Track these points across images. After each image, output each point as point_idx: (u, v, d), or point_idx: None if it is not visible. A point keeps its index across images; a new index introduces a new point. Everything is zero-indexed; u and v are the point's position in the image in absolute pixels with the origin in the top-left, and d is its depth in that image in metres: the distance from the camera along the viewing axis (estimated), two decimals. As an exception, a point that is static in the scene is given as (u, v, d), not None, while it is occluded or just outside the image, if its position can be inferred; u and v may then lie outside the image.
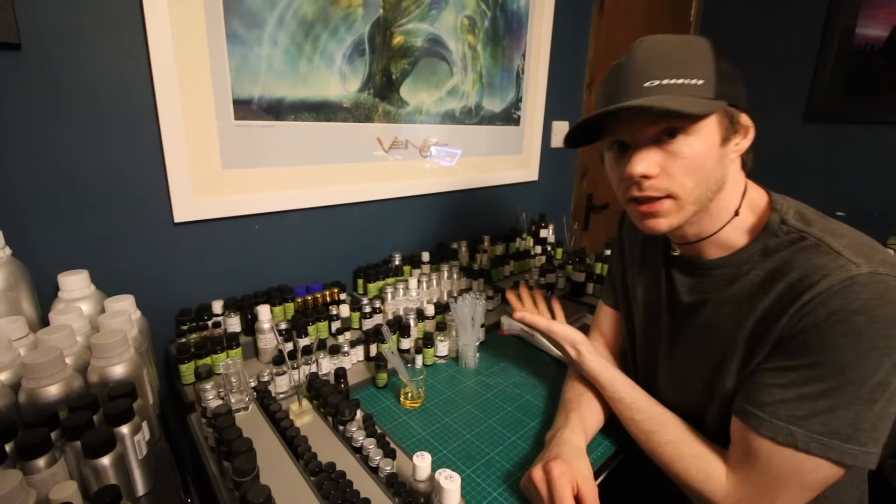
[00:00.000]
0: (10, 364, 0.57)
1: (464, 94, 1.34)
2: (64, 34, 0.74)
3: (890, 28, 1.74)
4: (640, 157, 0.53)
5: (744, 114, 0.55)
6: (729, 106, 0.52)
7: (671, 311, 0.68)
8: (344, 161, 1.12)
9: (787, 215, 0.56)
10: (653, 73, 0.51)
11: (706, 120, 0.51)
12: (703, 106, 0.49)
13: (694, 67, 0.51)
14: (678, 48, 0.52)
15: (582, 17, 1.66)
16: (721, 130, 0.53)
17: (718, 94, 0.51)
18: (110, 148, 0.81)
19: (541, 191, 1.71)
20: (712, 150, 0.53)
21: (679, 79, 0.50)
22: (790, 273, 0.52)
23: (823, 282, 0.48)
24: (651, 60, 0.52)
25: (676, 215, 0.56)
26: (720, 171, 0.55)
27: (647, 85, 0.51)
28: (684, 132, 0.52)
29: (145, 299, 0.77)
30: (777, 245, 0.55)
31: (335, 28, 1.02)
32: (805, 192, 0.70)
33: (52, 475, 0.47)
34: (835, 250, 0.50)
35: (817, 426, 0.48)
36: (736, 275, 0.58)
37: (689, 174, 0.53)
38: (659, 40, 0.54)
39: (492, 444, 0.74)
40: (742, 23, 2.12)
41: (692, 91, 0.50)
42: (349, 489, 0.55)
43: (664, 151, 0.53)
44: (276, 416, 0.69)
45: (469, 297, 0.95)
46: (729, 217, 0.58)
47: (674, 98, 0.50)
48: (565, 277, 1.33)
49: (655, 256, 0.71)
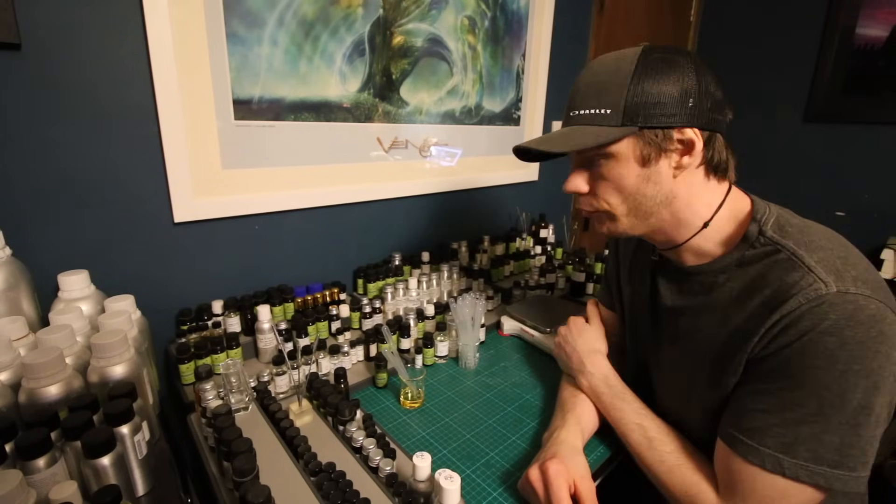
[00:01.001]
0: (10, 364, 0.57)
1: (464, 94, 1.34)
2: (64, 34, 0.74)
3: (890, 28, 1.74)
4: (572, 178, 0.61)
5: (685, 129, 0.53)
6: (645, 128, 0.53)
7: (654, 314, 0.70)
8: (344, 161, 1.12)
9: (765, 225, 0.55)
10: (577, 102, 0.58)
11: (618, 144, 0.55)
12: (600, 137, 0.54)
13: (606, 96, 0.54)
14: (604, 74, 0.56)
15: (582, 17, 1.67)
16: (637, 152, 0.55)
17: (625, 121, 0.53)
18: (110, 148, 0.81)
19: (541, 191, 1.71)
20: (630, 172, 0.56)
21: (591, 109, 0.56)
22: (764, 289, 0.52)
23: (792, 301, 0.48)
24: (579, 90, 0.58)
25: (613, 225, 0.61)
26: (651, 189, 0.57)
27: (571, 114, 0.58)
28: (602, 157, 0.57)
29: (145, 299, 0.77)
30: (753, 257, 0.55)
31: (335, 28, 1.02)
32: (805, 192, 0.70)
33: (52, 475, 0.47)
34: (806, 266, 0.50)
35: (804, 453, 0.48)
36: (712, 283, 0.59)
37: (612, 192, 0.58)
38: (598, 63, 0.58)
39: (492, 444, 0.74)
40: (742, 23, 2.12)
41: (599, 120, 0.55)
42: (349, 489, 0.55)
43: (591, 172, 0.60)
44: (276, 416, 0.69)
45: (469, 297, 0.95)
46: (697, 227, 0.59)
47: (578, 129, 0.56)
48: (565, 277, 1.34)
49: (644, 260, 0.73)
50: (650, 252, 0.71)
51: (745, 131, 2.15)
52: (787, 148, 2.04)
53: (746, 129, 2.14)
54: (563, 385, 0.79)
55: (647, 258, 0.72)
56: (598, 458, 0.71)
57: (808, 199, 1.98)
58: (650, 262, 0.71)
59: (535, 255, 1.48)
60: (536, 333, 1.04)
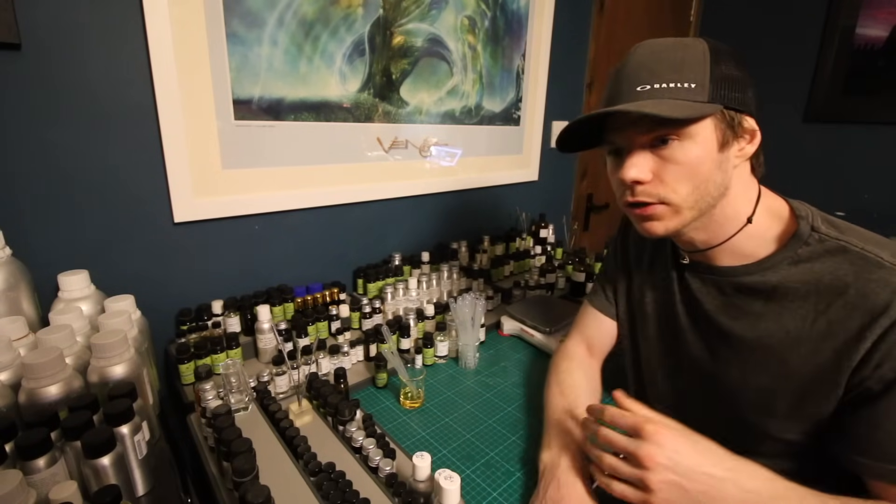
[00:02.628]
0: (10, 364, 0.57)
1: (464, 94, 1.34)
2: (64, 34, 0.74)
3: (890, 28, 1.74)
4: (633, 162, 0.53)
5: (748, 117, 0.53)
6: (726, 109, 0.51)
7: (694, 321, 0.65)
8: (344, 161, 1.12)
9: (815, 222, 0.54)
10: (646, 77, 0.51)
11: (700, 124, 0.50)
12: (689, 110, 0.49)
13: (687, 71, 0.50)
14: (674, 51, 0.51)
15: (582, 17, 1.66)
16: (718, 135, 0.51)
17: (713, 98, 0.50)
18: (110, 148, 0.81)
19: (541, 191, 1.71)
20: (709, 156, 0.51)
21: (671, 83, 0.50)
22: (844, 289, 0.50)
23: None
24: (645, 64, 0.52)
25: (672, 219, 0.55)
26: (720, 177, 0.53)
27: (639, 89, 0.51)
28: (677, 137, 0.51)
29: (145, 299, 0.77)
30: (810, 254, 0.53)
31: (335, 28, 1.02)
32: (805, 192, 0.70)
33: (52, 475, 0.47)
34: (889, 262, 0.48)
35: None
36: (768, 285, 0.55)
37: (683, 180, 0.52)
38: (656, 43, 0.53)
39: (491, 444, 0.74)
40: (742, 23, 2.12)
41: (683, 95, 0.50)
42: (349, 489, 0.55)
43: (657, 157, 0.52)
44: (276, 416, 0.69)
45: (469, 297, 0.95)
46: (741, 224, 0.56)
47: (661, 102, 0.49)
48: (565, 277, 1.33)
49: (665, 264, 0.69)
50: (672, 257, 0.67)
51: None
52: (787, 148, 2.04)
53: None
54: (550, 398, 0.73)
55: (668, 263, 0.68)
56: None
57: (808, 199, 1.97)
58: (675, 264, 0.67)
59: (535, 255, 1.48)
60: (536, 333, 1.04)
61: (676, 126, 0.50)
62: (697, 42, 0.52)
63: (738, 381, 0.59)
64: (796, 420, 0.55)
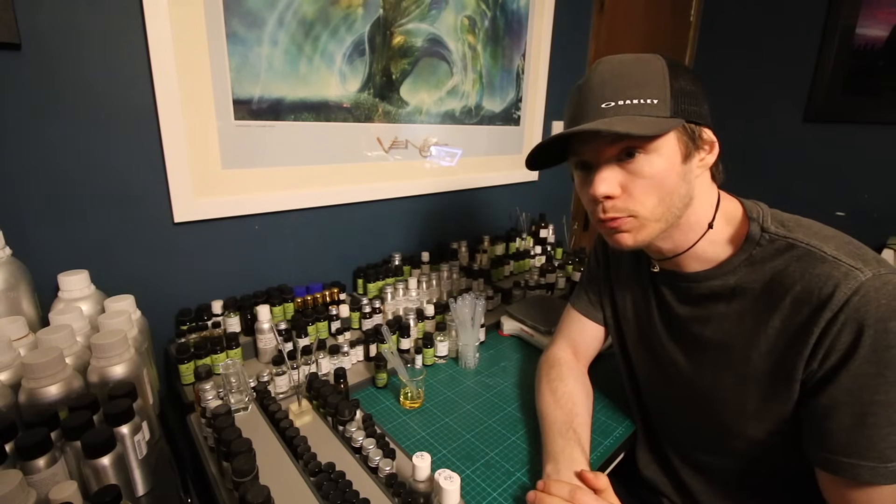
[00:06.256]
0: (10, 364, 0.57)
1: (464, 94, 1.34)
2: (64, 34, 0.74)
3: (890, 28, 1.74)
4: (602, 177, 0.54)
5: (706, 129, 0.55)
6: (687, 122, 0.53)
7: (668, 326, 0.67)
8: (344, 161, 1.12)
9: (765, 223, 0.56)
10: (609, 94, 0.52)
11: (664, 138, 0.52)
12: (655, 125, 0.50)
13: (649, 87, 0.52)
14: (634, 67, 0.53)
15: (582, 17, 1.66)
16: (682, 147, 0.53)
17: (675, 112, 0.51)
18: (110, 148, 0.81)
19: (541, 191, 1.71)
20: (673, 168, 0.53)
21: (634, 99, 0.51)
22: (791, 286, 0.51)
23: (837, 294, 0.47)
24: (607, 82, 0.53)
25: (640, 231, 0.56)
26: (684, 189, 0.55)
27: (604, 106, 0.52)
28: (643, 151, 0.52)
29: (145, 299, 0.77)
30: (763, 254, 0.55)
31: (335, 28, 1.02)
32: (805, 192, 0.70)
33: (52, 475, 0.47)
34: (831, 256, 0.50)
35: None
36: (727, 287, 0.58)
37: (650, 192, 0.54)
38: (616, 61, 0.55)
39: (491, 444, 0.74)
40: (742, 23, 2.12)
41: (647, 111, 0.51)
42: (349, 489, 0.55)
43: (625, 171, 0.54)
44: (276, 416, 0.69)
45: (469, 297, 0.95)
46: (703, 231, 0.58)
47: (628, 119, 0.51)
48: (565, 277, 1.33)
49: (640, 272, 0.71)
50: (645, 262, 0.69)
51: (745, 131, 2.15)
52: (787, 148, 2.04)
53: (746, 129, 2.14)
54: (543, 399, 0.74)
55: (644, 271, 0.69)
56: (602, 454, 0.71)
57: (808, 199, 1.98)
58: (648, 273, 0.69)
59: (535, 255, 1.48)
60: (536, 333, 1.04)
61: (644, 141, 0.52)
62: (655, 58, 0.53)
63: (711, 382, 0.62)
64: (767, 420, 0.57)
